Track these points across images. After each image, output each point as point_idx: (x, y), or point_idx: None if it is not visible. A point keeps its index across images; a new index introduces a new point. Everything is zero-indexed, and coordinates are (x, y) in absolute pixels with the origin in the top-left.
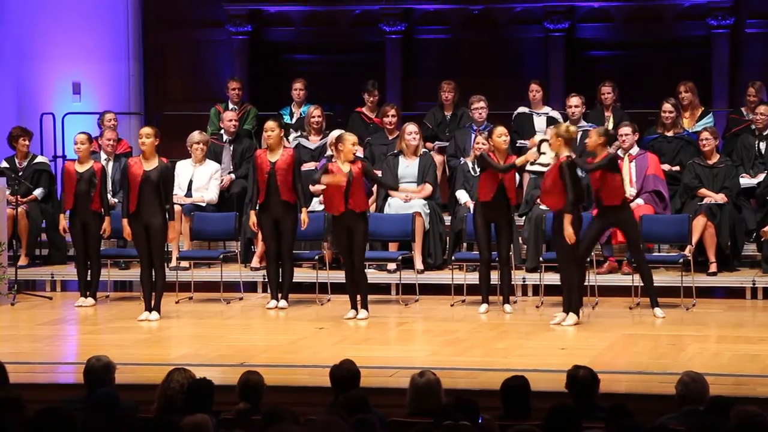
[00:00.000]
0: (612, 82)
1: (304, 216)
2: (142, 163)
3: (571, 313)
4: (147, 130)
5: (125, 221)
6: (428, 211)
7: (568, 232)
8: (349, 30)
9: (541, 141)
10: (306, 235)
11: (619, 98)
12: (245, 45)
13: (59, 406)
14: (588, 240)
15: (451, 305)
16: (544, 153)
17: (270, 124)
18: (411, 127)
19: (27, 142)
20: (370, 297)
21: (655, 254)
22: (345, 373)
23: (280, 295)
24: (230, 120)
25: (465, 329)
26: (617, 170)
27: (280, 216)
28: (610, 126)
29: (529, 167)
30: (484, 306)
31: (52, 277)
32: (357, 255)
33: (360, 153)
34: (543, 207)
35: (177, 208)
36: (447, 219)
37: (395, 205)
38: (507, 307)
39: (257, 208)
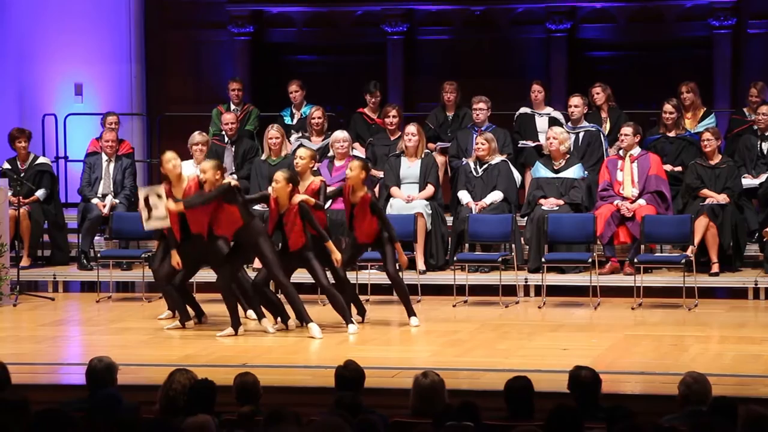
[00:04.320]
0: (602, 82)
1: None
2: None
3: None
4: (305, 151)
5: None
6: (430, 211)
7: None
8: (351, 31)
9: (147, 195)
10: None
11: (615, 98)
12: (247, 46)
13: (58, 407)
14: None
15: (453, 306)
16: (155, 207)
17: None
18: (407, 128)
19: (23, 144)
20: (373, 297)
21: (657, 255)
22: (352, 373)
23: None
24: (227, 123)
25: (467, 330)
26: (233, 201)
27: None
28: (608, 126)
29: None
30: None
31: (54, 278)
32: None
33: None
34: (544, 207)
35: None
36: (449, 219)
37: (397, 205)
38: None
39: None
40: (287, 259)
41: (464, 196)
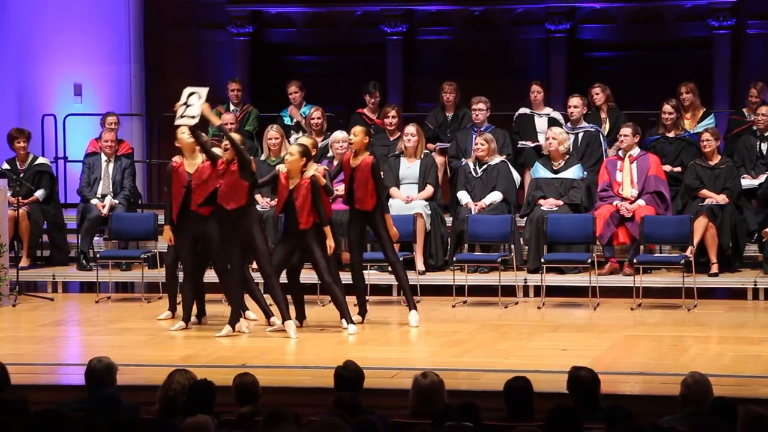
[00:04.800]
0: (602, 83)
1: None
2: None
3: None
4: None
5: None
6: (429, 212)
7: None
8: (351, 31)
9: (190, 94)
10: None
11: (615, 99)
12: (246, 46)
13: (57, 408)
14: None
15: (453, 306)
16: (191, 105)
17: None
18: (407, 129)
19: (22, 144)
20: (372, 298)
21: (656, 255)
22: (351, 374)
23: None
24: (226, 123)
25: (466, 330)
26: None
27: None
28: (607, 127)
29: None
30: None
31: (54, 279)
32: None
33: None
34: (544, 208)
35: None
36: (448, 220)
37: (396, 206)
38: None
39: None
40: (290, 242)
41: (463, 196)
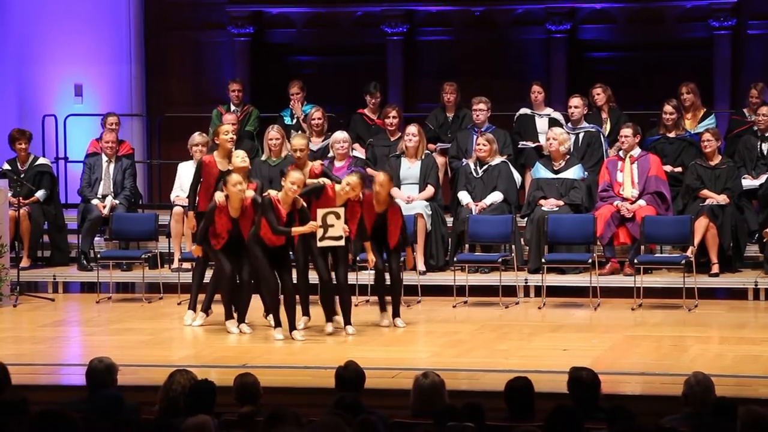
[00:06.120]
0: (603, 83)
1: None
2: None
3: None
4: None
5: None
6: (430, 212)
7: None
8: (351, 31)
9: (326, 214)
10: None
11: (615, 99)
12: (247, 47)
13: (58, 408)
14: None
15: (453, 306)
16: (332, 225)
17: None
18: (408, 129)
19: (23, 145)
20: (371, 298)
21: (657, 255)
22: (352, 374)
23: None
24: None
25: (467, 330)
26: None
27: None
28: (608, 127)
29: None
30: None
31: (54, 279)
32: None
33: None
34: (544, 208)
35: (179, 209)
36: (449, 220)
37: None
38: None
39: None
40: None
41: (464, 196)
